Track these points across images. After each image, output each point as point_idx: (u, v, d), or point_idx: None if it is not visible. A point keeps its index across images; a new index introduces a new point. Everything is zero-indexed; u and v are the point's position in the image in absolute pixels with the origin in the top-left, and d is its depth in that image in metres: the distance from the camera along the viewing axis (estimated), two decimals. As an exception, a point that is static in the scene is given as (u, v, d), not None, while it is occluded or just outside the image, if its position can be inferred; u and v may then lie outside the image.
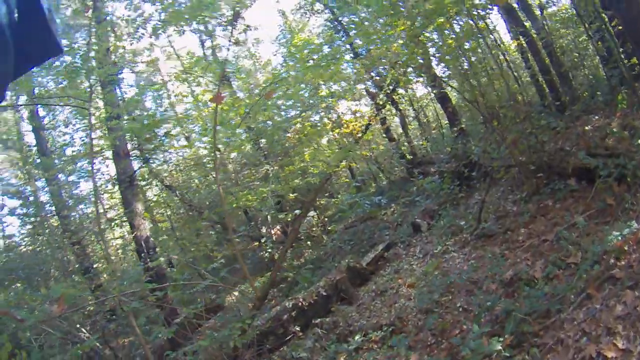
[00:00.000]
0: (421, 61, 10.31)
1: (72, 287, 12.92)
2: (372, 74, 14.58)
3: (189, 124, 19.49)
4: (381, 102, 15.63)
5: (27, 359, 8.09)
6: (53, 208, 16.50)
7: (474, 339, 5.01)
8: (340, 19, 15.67)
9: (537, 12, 13.78)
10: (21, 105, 16.40)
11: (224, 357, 7.92)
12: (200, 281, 11.14)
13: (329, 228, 14.39)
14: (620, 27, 9.50)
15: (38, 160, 16.47)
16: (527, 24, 13.20)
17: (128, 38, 13.15)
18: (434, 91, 15.34)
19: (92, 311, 11.83)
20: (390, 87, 14.14)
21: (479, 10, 10.96)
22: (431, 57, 11.38)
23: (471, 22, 10.11)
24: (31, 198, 18.03)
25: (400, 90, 15.81)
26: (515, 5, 12.99)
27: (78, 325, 10.51)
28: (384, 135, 18.10)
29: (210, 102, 14.02)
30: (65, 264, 15.37)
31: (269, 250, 13.63)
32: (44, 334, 9.24)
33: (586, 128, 9.23)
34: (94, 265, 14.99)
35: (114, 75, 11.77)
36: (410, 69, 11.55)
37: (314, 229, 14.33)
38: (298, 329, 8.49)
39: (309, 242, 14.04)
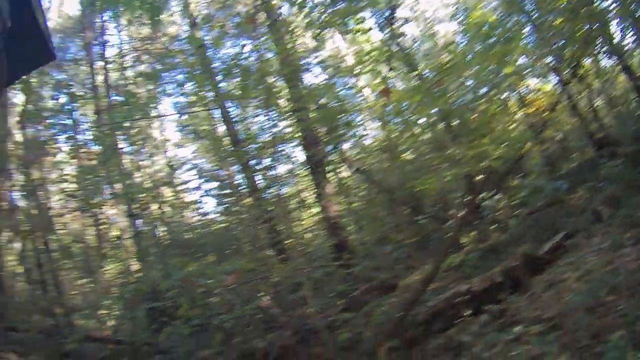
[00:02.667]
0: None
1: (258, 260, 14.48)
2: (554, 46, 14.11)
3: (369, 114, 20.48)
4: (565, 78, 15.14)
5: (199, 315, 9.45)
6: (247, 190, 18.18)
7: (612, 350, 5.12)
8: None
9: None
10: (208, 109, 18.42)
11: (391, 332, 8.58)
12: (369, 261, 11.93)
13: (516, 212, 14.32)
14: None
15: (231, 149, 18.21)
16: None
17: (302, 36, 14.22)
18: (616, 63, 14.49)
19: (278, 282, 13.16)
20: (573, 62, 13.64)
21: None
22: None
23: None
24: (227, 181, 20.10)
25: (587, 62, 15.09)
26: None
27: (261, 293, 11.75)
28: (571, 113, 17.39)
29: (380, 95, 14.76)
30: (256, 239, 16.93)
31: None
32: (224, 298, 10.64)
33: None
34: (285, 242, 16.25)
35: (293, 73, 12.98)
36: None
37: (498, 212, 14.32)
38: (468, 313, 8.88)
39: (491, 227, 14.09)
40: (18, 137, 20.70)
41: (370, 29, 15.47)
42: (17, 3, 1.62)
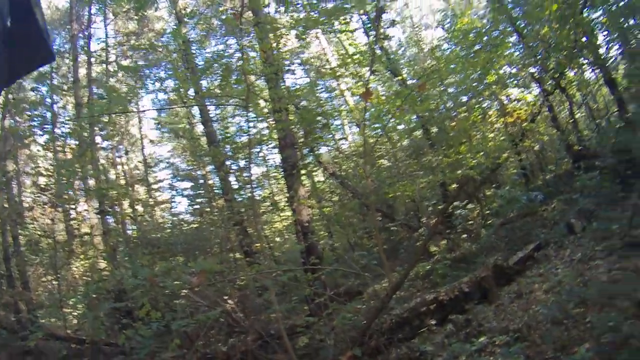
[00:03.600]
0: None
1: (226, 262, 14.07)
2: (538, 56, 13.92)
3: (348, 118, 20.25)
4: (549, 88, 14.93)
5: (160, 318, 9.06)
6: (220, 191, 17.86)
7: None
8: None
9: None
10: (189, 106, 18.14)
11: (354, 340, 8.27)
12: (337, 267, 11.65)
13: (489, 222, 14.10)
14: None
15: (208, 149, 17.76)
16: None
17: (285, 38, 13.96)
18: (600, 74, 14.32)
19: (244, 285, 12.79)
20: (557, 72, 13.44)
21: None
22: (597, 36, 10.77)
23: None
24: (201, 181, 19.77)
25: (571, 74, 14.88)
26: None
27: (226, 297, 11.30)
28: (551, 124, 17.18)
29: (360, 98, 14.53)
30: (225, 241, 16.58)
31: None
32: (189, 300, 10.28)
33: None
34: (255, 245, 15.93)
35: (275, 73, 12.68)
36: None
37: (470, 222, 14.06)
38: (433, 322, 8.77)
39: (464, 236, 13.85)
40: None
41: (355, 30, 15.23)
42: (17, 2, 1.34)
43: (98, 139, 18.38)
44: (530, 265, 9.87)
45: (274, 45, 13.38)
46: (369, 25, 17.00)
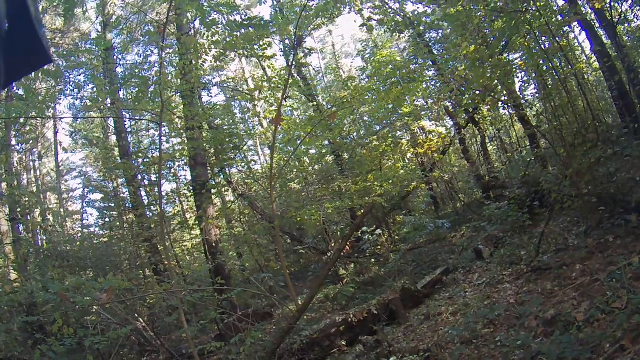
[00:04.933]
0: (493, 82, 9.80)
1: (135, 279, 13.47)
2: (455, 89, 14.23)
3: (262, 140, 20.03)
4: (463, 123, 15.27)
5: (72, 334, 8.52)
6: (131, 205, 17.20)
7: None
8: (425, 35, 15.48)
9: (620, 28, 12.72)
10: (105, 117, 17.44)
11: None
12: (245, 288, 11.39)
13: (397, 247, 14.16)
14: None
15: (119, 161, 17.16)
16: (608, 42, 12.31)
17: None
18: (513, 112, 14.81)
19: (154, 303, 12.31)
20: (472, 108, 13.78)
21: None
22: (514, 77, 11.04)
23: (552, 39, 9.60)
24: (112, 194, 18.99)
25: (485, 109, 15.31)
26: (596, 23, 11.94)
27: (136, 315, 10.95)
28: (462, 155, 17.62)
29: (271, 123, 14.45)
30: (135, 258, 15.96)
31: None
32: (100, 317, 9.71)
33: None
34: (164, 263, 15.39)
35: (189, 91, 12.38)
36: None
37: (379, 247, 14.08)
38: (344, 343, 8.63)
39: (372, 260, 13.83)
40: None
41: (274, 55, 15.16)
42: (13, 5, 1.39)
43: (13, 141, 17.40)
44: (439, 289, 9.91)
45: (194, 62, 13.11)
46: (288, 50, 17.00)
